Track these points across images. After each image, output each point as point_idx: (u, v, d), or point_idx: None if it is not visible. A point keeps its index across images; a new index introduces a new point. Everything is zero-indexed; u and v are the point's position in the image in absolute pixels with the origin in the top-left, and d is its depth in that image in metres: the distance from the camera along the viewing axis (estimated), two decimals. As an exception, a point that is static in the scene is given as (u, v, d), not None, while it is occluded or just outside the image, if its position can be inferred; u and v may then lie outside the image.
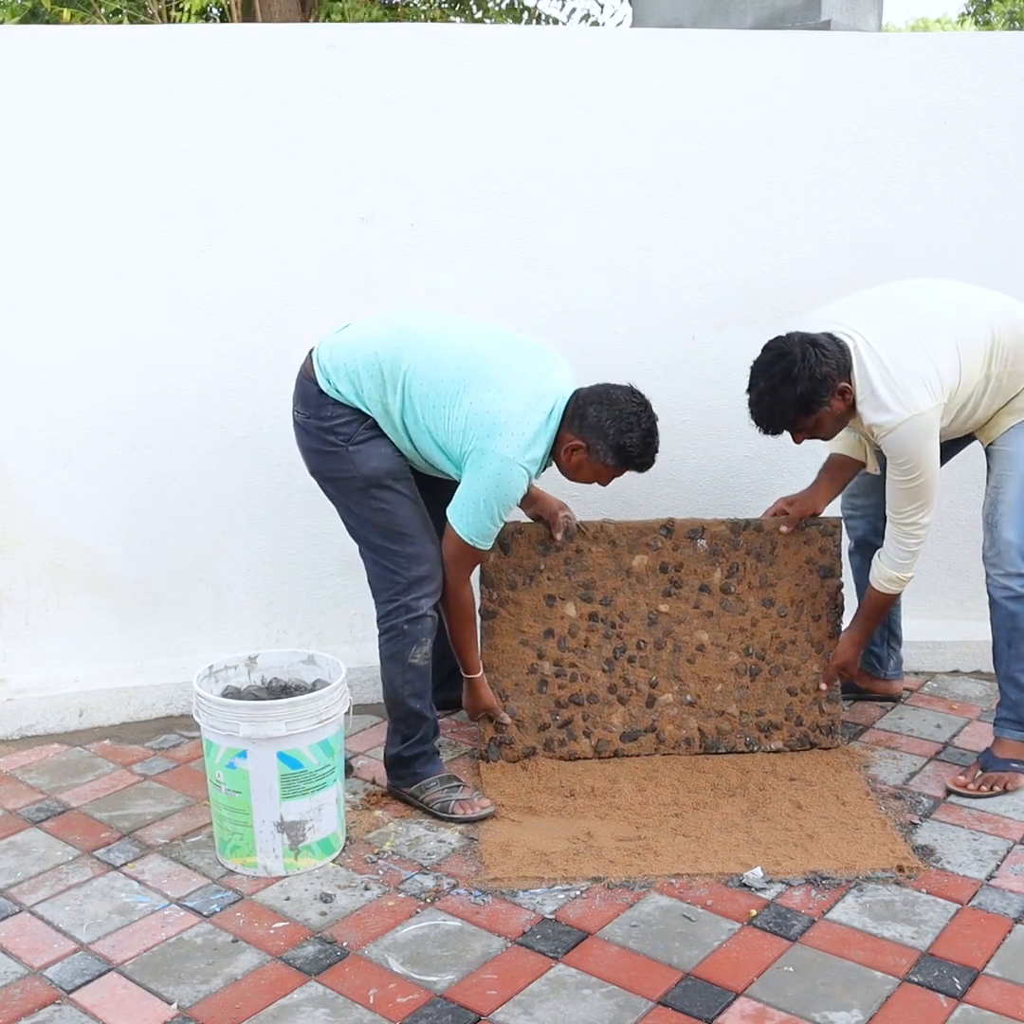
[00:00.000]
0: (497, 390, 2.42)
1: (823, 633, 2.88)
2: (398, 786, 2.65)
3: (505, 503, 2.47)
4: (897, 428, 2.49)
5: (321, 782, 2.35)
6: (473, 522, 2.47)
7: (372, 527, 2.54)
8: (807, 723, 2.86)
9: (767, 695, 2.86)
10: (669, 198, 3.24)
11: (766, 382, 2.51)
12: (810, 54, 3.23)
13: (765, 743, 2.85)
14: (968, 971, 2.01)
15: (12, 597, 3.17)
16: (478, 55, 3.14)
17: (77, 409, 3.11)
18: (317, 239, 3.14)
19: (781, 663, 2.87)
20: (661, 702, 2.83)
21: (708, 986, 1.97)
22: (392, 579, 2.54)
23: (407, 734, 2.60)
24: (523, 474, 2.43)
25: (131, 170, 3.02)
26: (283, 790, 2.30)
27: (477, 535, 2.49)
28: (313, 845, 2.36)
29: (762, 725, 2.85)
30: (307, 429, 2.56)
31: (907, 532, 2.62)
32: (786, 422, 2.56)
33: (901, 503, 2.60)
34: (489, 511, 2.46)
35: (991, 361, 2.56)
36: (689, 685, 2.84)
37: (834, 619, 2.89)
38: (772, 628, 2.87)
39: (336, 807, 2.41)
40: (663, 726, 2.83)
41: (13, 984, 2.00)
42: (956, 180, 3.28)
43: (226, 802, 2.34)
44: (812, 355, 2.46)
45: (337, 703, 2.37)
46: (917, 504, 2.58)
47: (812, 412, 2.53)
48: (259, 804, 2.31)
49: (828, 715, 2.87)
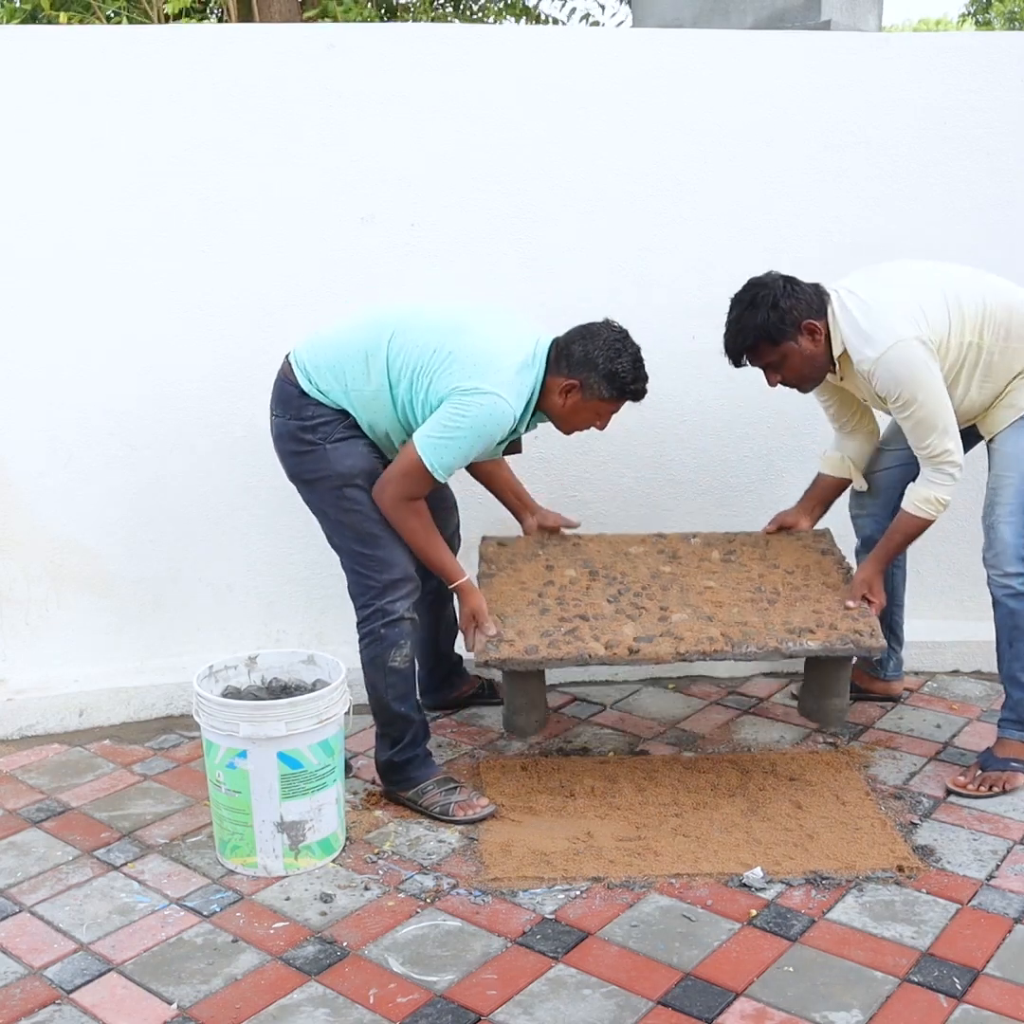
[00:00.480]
0: (476, 335, 2.42)
1: (837, 580, 2.76)
2: (394, 791, 2.64)
3: (484, 439, 2.41)
4: (883, 357, 2.50)
5: (321, 782, 2.35)
6: (443, 451, 2.38)
7: (345, 529, 2.52)
8: (842, 628, 2.58)
9: (790, 613, 2.63)
10: (669, 198, 3.24)
11: (734, 309, 2.62)
12: (810, 54, 3.23)
13: (800, 643, 2.53)
14: (968, 971, 2.01)
15: (12, 597, 3.17)
16: (478, 55, 3.14)
17: (77, 409, 3.11)
18: (317, 239, 3.14)
19: (799, 596, 2.70)
20: (675, 619, 2.61)
21: (708, 986, 1.97)
22: (366, 584, 2.53)
23: (395, 738, 2.59)
24: (508, 409, 2.39)
25: (131, 170, 3.02)
26: (283, 790, 2.30)
27: (440, 465, 2.40)
28: (313, 845, 2.36)
29: (793, 629, 2.57)
30: (285, 431, 2.55)
31: (939, 463, 2.59)
32: (746, 347, 2.61)
33: (918, 438, 2.59)
34: (464, 444, 2.39)
35: (983, 329, 2.57)
36: (703, 608, 2.64)
37: (844, 573, 2.78)
38: (782, 579, 2.77)
39: (336, 807, 2.41)
40: (680, 632, 2.56)
41: (13, 984, 2.00)
42: (956, 180, 3.28)
43: (226, 802, 2.34)
44: (780, 287, 2.57)
45: (337, 703, 2.37)
46: (934, 434, 2.56)
47: (775, 343, 2.58)
48: (259, 804, 2.31)
49: (865, 622, 2.62)
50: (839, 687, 2.59)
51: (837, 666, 2.58)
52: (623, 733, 3.04)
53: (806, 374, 2.66)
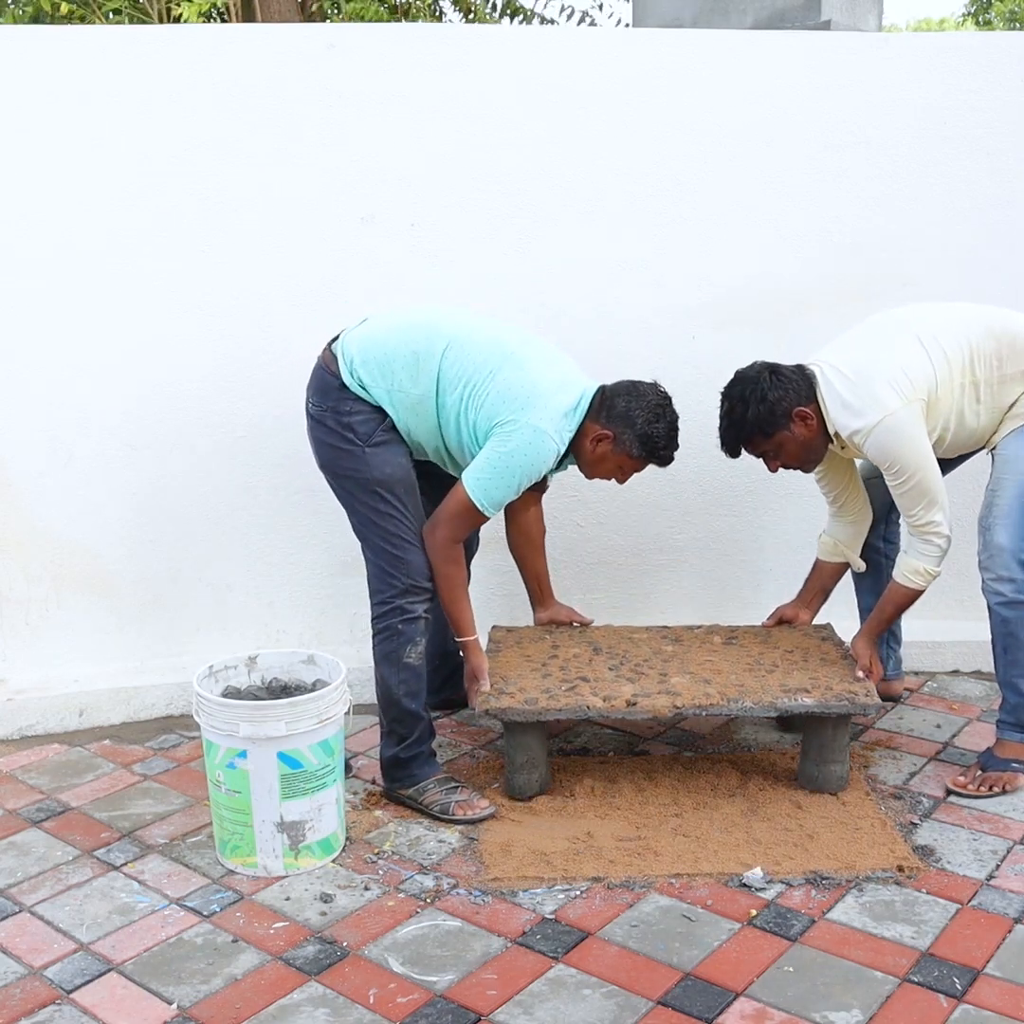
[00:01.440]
0: (530, 371, 2.46)
1: (835, 657, 2.79)
2: (394, 788, 2.64)
3: (530, 473, 2.46)
4: (873, 431, 2.53)
5: (321, 782, 2.34)
6: (491, 487, 2.44)
7: (376, 529, 2.53)
8: (837, 688, 2.60)
9: (787, 678, 2.66)
10: (669, 198, 3.24)
11: (724, 404, 2.66)
12: (810, 54, 3.23)
13: (795, 699, 2.55)
14: (968, 971, 2.01)
15: (12, 597, 3.17)
16: (478, 55, 3.14)
17: (77, 409, 3.11)
18: (317, 239, 3.14)
19: (797, 668, 2.73)
20: (674, 680, 2.65)
21: (708, 986, 1.97)
22: (390, 582, 2.53)
23: (403, 735, 2.59)
24: (554, 447, 2.45)
25: (131, 170, 3.02)
26: (283, 790, 2.30)
27: (489, 501, 2.46)
28: (313, 845, 2.36)
29: (788, 689, 2.59)
30: (323, 422, 2.53)
31: (927, 533, 2.62)
32: (741, 441, 2.67)
33: (907, 506, 2.62)
34: (512, 479, 2.44)
35: (974, 366, 2.58)
36: (701, 674, 2.68)
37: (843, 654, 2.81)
38: (781, 656, 2.81)
39: (336, 807, 2.41)
40: (678, 690, 2.60)
41: (13, 984, 2.00)
42: (956, 180, 3.28)
43: (226, 802, 2.34)
44: (766, 379, 2.60)
45: (337, 703, 2.37)
46: (923, 504, 2.58)
47: (768, 435, 2.62)
48: (259, 804, 2.31)
49: (860, 685, 2.63)
50: (838, 753, 2.61)
51: (835, 731, 2.60)
52: (623, 733, 3.04)
53: (804, 457, 2.71)
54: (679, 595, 3.49)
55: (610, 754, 2.90)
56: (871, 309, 2.79)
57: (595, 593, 3.44)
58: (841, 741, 2.60)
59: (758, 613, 3.15)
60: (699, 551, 3.49)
